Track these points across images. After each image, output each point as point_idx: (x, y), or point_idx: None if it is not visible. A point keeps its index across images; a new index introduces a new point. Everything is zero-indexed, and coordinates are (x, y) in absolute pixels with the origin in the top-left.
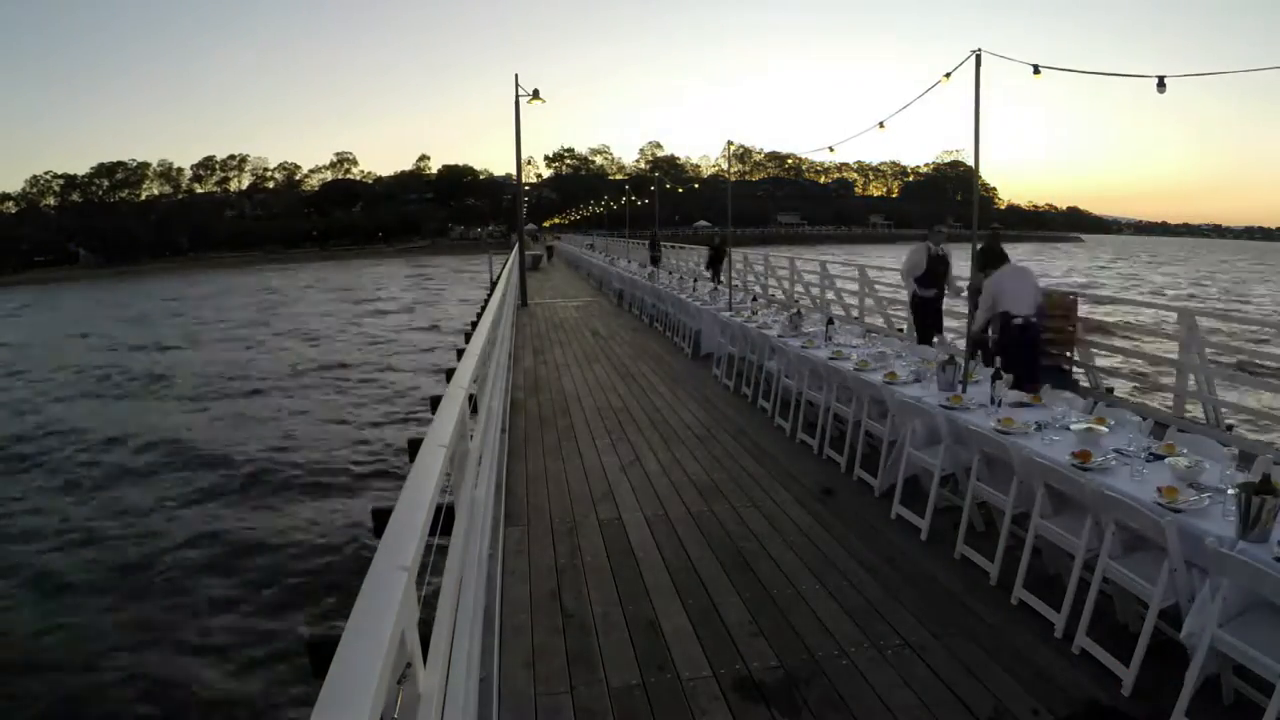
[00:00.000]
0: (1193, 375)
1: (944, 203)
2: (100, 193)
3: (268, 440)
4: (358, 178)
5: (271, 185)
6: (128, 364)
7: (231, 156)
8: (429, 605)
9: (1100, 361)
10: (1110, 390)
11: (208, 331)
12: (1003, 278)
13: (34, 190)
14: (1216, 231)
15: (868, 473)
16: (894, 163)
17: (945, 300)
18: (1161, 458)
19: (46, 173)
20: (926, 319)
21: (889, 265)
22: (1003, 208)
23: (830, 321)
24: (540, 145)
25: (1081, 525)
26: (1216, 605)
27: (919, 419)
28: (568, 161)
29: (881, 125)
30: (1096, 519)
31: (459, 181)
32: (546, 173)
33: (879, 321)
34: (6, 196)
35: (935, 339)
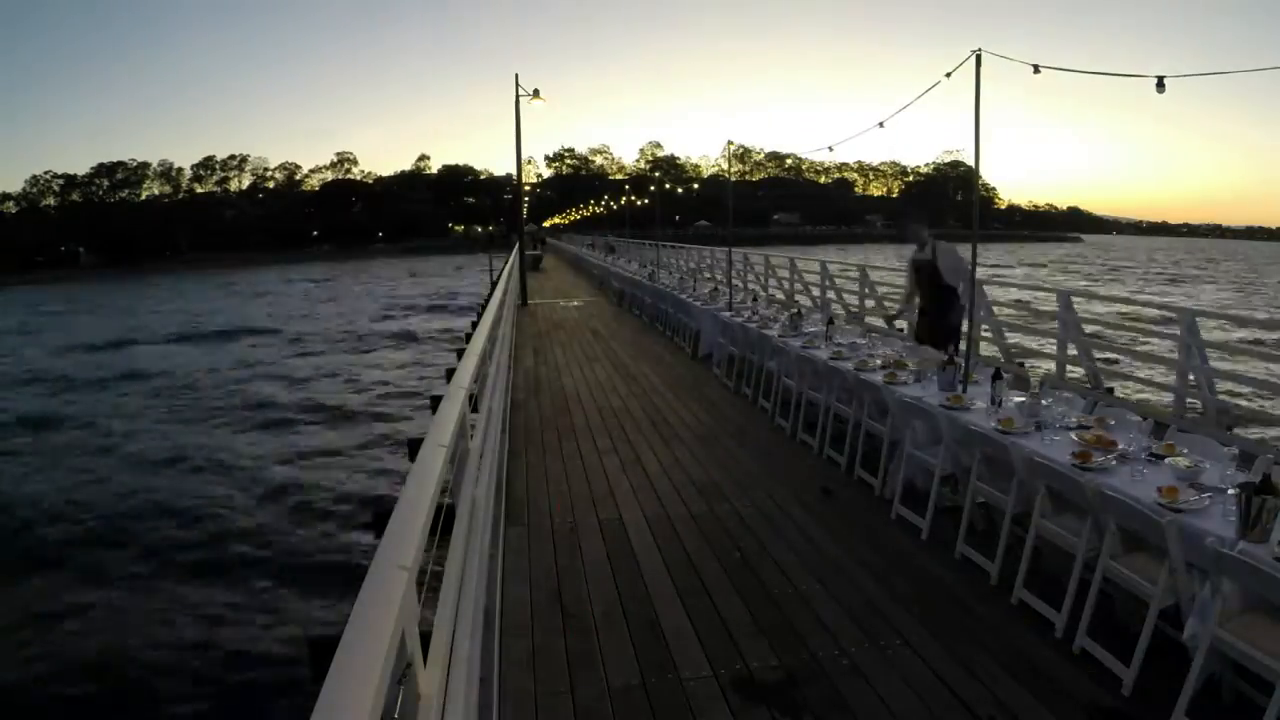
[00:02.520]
0: (1193, 375)
1: (944, 203)
2: (100, 193)
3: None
4: (358, 178)
5: (271, 185)
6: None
7: (231, 156)
8: (429, 605)
9: (1099, 360)
10: (1110, 390)
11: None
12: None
13: (34, 190)
14: (1217, 231)
15: (868, 473)
16: (894, 163)
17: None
18: (1162, 458)
19: (46, 173)
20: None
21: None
22: (1003, 207)
23: (830, 321)
24: (540, 145)
25: (1082, 525)
26: (1216, 605)
27: (919, 419)
28: (568, 161)
29: (881, 125)
30: (1096, 519)
31: (459, 181)
32: (547, 173)
33: (879, 322)
34: (6, 196)
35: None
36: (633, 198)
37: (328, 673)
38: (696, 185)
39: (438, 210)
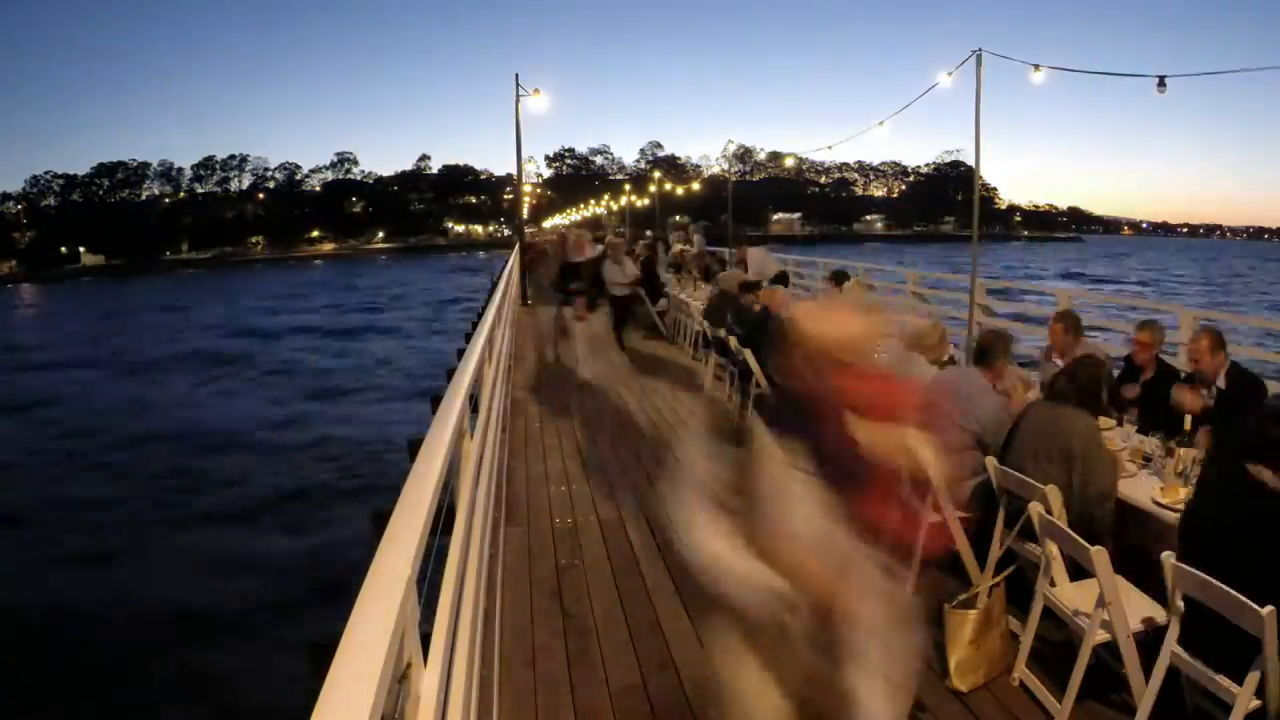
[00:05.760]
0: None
1: (944, 203)
2: (100, 193)
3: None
4: (358, 178)
5: (272, 185)
6: None
7: (231, 156)
8: (429, 605)
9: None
10: None
11: None
12: None
13: (34, 190)
14: (1217, 232)
15: None
16: (894, 163)
17: None
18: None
19: (46, 173)
20: None
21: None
22: (1003, 208)
23: None
24: (540, 145)
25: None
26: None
27: None
28: (568, 161)
29: (881, 124)
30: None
31: (459, 181)
32: (547, 172)
33: None
34: (6, 196)
35: None
36: (633, 198)
37: (328, 673)
38: (697, 185)
39: (438, 210)
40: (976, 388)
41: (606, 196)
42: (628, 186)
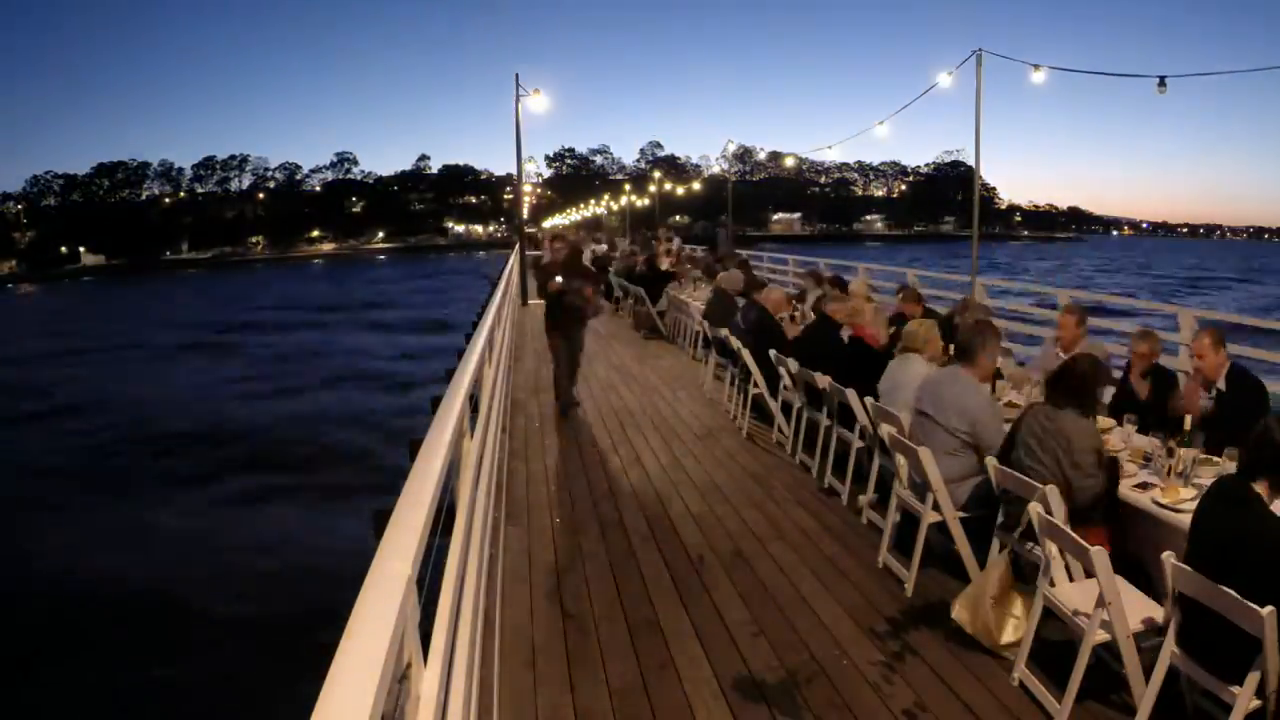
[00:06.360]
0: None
1: (944, 203)
2: (100, 193)
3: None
4: (358, 178)
5: (272, 185)
6: None
7: (232, 156)
8: (429, 605)
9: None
10: None
11: None
12: None
13: (34, 190)
14: (1218, 232)
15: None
16: (894, 163)
17: None
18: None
19: (46, 173)
20: None
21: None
22: (1003, 208)
23: None
24: (540, 145)
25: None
26: (1173, 623)
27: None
28: (568, 161)
29: (881, 124)
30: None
31: (459, 181)
32: (547, 172)
33: None
34: (7, 196)
35: None
36: (633, 198)
37: (328, 673)
38: (697, 185)
39: (438, 210)
40: (962, 387)
41: (607, 196)
42: (628, 186)
